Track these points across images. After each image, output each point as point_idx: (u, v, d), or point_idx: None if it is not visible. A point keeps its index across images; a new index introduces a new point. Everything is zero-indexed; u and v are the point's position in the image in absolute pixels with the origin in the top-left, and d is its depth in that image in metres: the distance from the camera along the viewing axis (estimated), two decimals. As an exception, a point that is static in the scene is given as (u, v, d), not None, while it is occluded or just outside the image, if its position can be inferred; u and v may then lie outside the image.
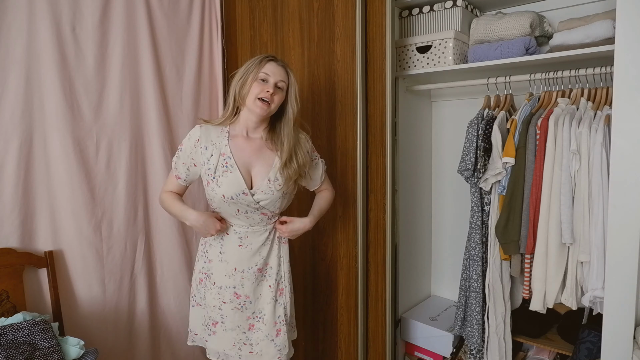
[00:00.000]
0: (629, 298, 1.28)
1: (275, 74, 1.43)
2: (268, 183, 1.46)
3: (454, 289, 2.24)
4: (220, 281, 1.54)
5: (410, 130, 2.11)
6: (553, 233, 1.52)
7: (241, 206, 1.47)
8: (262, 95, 1.42)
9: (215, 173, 1.45)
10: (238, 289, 1.53)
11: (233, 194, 1.44)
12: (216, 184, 1.45)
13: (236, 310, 1.54)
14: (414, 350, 2.11)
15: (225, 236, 1.53)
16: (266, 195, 1.46)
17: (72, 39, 1.79)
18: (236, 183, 1.44)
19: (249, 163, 1.48)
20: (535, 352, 1.91)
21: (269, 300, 1.56)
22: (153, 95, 2.02)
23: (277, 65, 1.45)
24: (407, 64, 2.00)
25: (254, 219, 1.51)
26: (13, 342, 1.48)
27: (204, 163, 1.47)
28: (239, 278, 1.53)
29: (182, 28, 2.13)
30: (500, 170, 1.64)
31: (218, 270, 1.54)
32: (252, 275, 1.53)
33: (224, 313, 1.55)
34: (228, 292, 1.53)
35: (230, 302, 1.53)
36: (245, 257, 1.52)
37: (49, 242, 1.78)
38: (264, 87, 1.42)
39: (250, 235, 1.52)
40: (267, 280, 1.57)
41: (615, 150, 1.29)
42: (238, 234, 1.52)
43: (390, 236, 1.86)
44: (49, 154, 1.76)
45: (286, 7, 2.02)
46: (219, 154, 1.46)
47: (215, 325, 1.57)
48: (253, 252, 1.53)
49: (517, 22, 1.74)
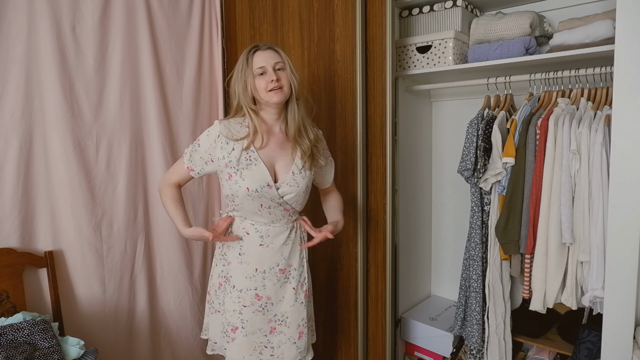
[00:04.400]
0: (629, 298, 1.28)
1: (267, 60, 1.39)
2: (292, 175, 1.44)
3: (454, 289, 2.24)
4: (240, 284, 1.49)
5: (410, 130, 2.11)
6: (553, 233, 1.52)
7: (265, 200, 1.43)
8: (270, 87, 1.38)
9: (239, 166, 1.41)
10: (259, 291, 1.49)
11: (258, 187, 1.40)
12: (240, 176, 1.41)
13: (257, 312, 1.49)
14: (414, 350, 2.11)
15: (246, 236, 1.48)
16: (291, 188, 1.44)
17: (72, 39, 1.79)
18: (261, 176, 1.40)
19: (272, 157, 1.45)
20: (535, 352, 1.91)
21: (292, 303, 1.52)
22: (153, 95, 2.02)
23: (263, 51, 1.41)
24: (407, 64, 2.00)
25: (277, 215, 1.47)
26: (13, 342, 1.48)
27: (224, 157, 1.42)
28: (260, 279, 1.48)
29: (182, 28, 2.14)
30: (500, 170, 1.64)
31: (238, 272, 1.49)
32: (274, 276, 1.49)
33: (245, 317, 1.49)
34: (249, 294, 1.48)
35: (251, 304, 1.48)
36: (266, 256, 1.48)
37: (49, 242, 1.78)
38: (266, 78, 1.39)
39: (272, 233, 1.48)
40: (290, 282, 1.53)
41: (615, 150, 1.29)
42: (259, 232, 1.48)
43: (390, 236, 1.86)
44: (49, 154, 1.76)
45: (286, 7, 2.02)
46: (242, 147, 1.41)
47: (235, 331, 1.50)
48: (274, 252, 1.49)
49: (517, 22, 1.74)
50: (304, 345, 1.54)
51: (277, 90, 1.39)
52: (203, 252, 2.26)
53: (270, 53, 1.41)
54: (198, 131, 2.21)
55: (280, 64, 1.41)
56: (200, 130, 2.22)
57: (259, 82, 1.39)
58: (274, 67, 1.40)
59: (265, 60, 1.39)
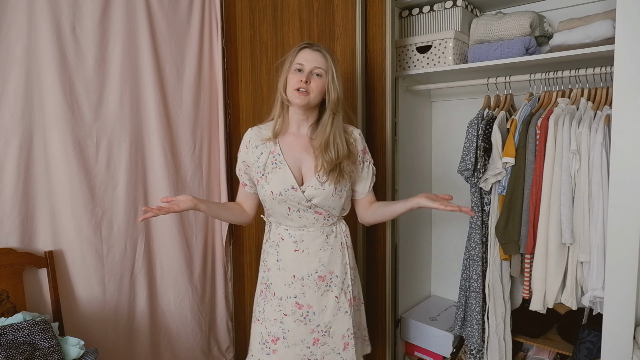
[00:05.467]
0: (629, 298, 1.28)
1: (309, 61, 1.34)
2: (318, 178, 1.38)
3: (454, 289, 2.23)
4: (280, 291, 1.44)
5: (410, 130, 2.11)
6: (553, 233, 1.52)
7: (292, 204, 1.39)
8: (297, 86, 1.34)
9: (265, 170, 1.41)
10: (299, 299, 1.43)
11: (282, 190, 1.37)
12: (265, 180, 1.40)
13: (299, 322, 1.43)
14: (414, 350, 2.11)
15: (281, 242, 1.45)
16: (317, 190, 1.38)
17: (72, 39, 1.79)
18: (284, 179, 1.38)
19: (299, 159, 1.41)
20: (535, 352, 1.91)
21: (335, 312, 1.45)
22: (153, 95, 2.02)
23: (311, 51, 1.36)
24: (407, 64, 2.00)
25: (308, 218, 1.42)
26: (13, 342, 1.48)
27: (254, 161, 1.43)
28: (299, 286, 1.43)
29: (182, 28, 2.14)
30: (500, 170, 1.64)
31: (277, 279, 1.45)
32: (314, 284, 1.43)
33: (286, 327, 1.43)
34: (289, 302, 1.43)
35: (292, 314, 1.43)
36: (303, 262, 1.43)
37: (49, 242, 1.78)
38: (299, 76, 1.34)
39: (306, 238, 1.43)
40: (332, 290, 1.45)
41: (615, 150, 1.29)
42: (293, 238, 1.43)
43: (390, 236, 1.86)
44: (49, 153, 1.76)
45: (286, 7, 2.02)
46: (269, 151, 1.41)
47: (276, 342, 1.44)
48: (311, 257, 1.43)
49: (517, 22, 1.74)
50: (350, 356, 1.46)
51: (303, 93, 1.34)
52: (203, 252, 2.26)
53: (316, 55, 1.36)
54: (198, 131, 2.21)
55: (320, 70, 1.35)
56: (200, 130, 2.23)
57: (292, 78, 1.35)
58: (312, 70, 1.35)
59: (307, 59, 1.35)
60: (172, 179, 2.10)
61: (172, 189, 2.09)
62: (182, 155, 2.15)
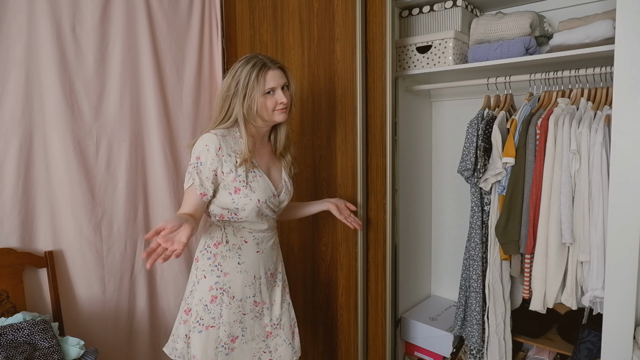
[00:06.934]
0: (629, 298, 1.28)
1: (278, 81, 1.40)
2: (285, 183, 1.54)
3: (454, 289, 2.24)
4: (240, 293, 1.47)
5: (410, 130, 2.11)
6: (553, 233, 1.52)
7: (267, 209, 1.47)
8: (278, 108, 1.41)
9: (247, 179, 1.41)
10: (257, 297, 1.52)
11: (267, 198, 1.44)
12: (250, 190, 1.40)
13: (255, 319, 1.52)
14: (414, 350, 2.11)
15: (244, 244, 1.48)
16: (287, 195, 1.54)
17: (72, 39, 1.79)
18: (265, 187, 1.45)
19: (268, 168, 1.51)
20: (535, 352, 1.91)
21: (282, 305, 1.58)
22: (153, 95, 2.02)
23: (274, 70, 1.40)
24: (407, 64, 2.00)
25: (270, 222, 1.53)
26: (13, 342, 1.48)
27: (231, 171, 1.38)
28: (257, 285, 1.52)
29: (182, 28, 2.13)
30: (500, 170, 1.64)
31: (237, 281, 1.47)
32: (266, 281, 1.54)
33: (245, 325, 1.50)
34: (248, 302, 1.50)
35: (251, 311, 1.51)
36: (262, 262, 1.52)
37: (49, 242, 1.78)
38: (275, 98, 1.40)
39: (265, 239, 1.53)
40: (277, 284, 1.59)
41: (615, 150, 1.29)
42: (256, 240, 1.50)
43: (390, 236, 1.85)
44: (49, 154, 1.76)
45: (286, 7, 2.02)
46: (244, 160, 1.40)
47: (235, 340, 1.48)
48: (267, 257, 1.54)
49: (517, 22, 1.74)
50: (297, 344, 1.60)
51: (284, 109, 1.43)
52: (203, 252, 2.26)
53: (279, 73, 1.42)
54: (198, 131, 2.20)
55: (286, 82, 1.44)
56: (200, 130, 2.22)
57: (268, 101, 1.40)
58: (282, 87, 1.42)
59: (276, 80, 1.40)
60: (172, 179, 2.09)
61: (172, 189, 2.09)
62: (182, 155, 2.15)
